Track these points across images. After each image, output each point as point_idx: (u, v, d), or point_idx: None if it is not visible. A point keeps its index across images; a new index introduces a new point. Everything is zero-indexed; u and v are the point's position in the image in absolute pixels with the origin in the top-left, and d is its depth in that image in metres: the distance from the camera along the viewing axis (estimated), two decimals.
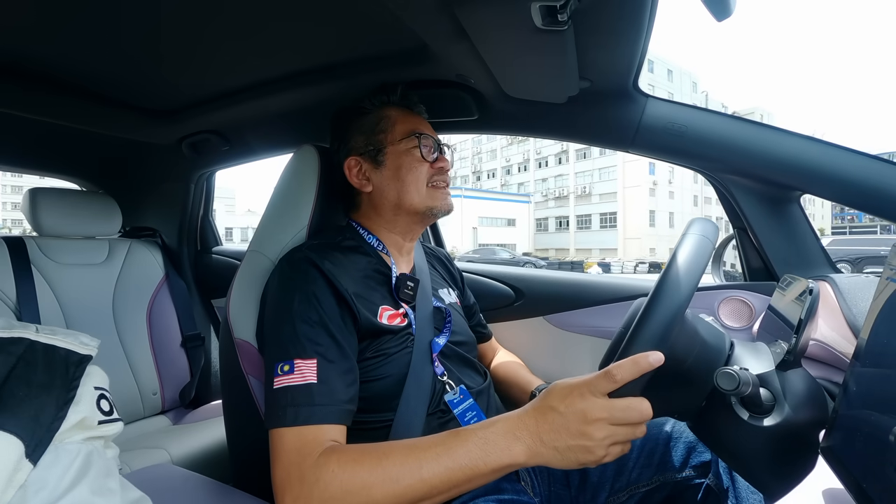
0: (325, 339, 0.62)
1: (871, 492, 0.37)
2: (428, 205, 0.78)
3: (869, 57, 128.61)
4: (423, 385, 0.70)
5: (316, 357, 0.60)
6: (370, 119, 0.81)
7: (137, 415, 1.27)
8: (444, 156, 0.82)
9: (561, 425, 0.49)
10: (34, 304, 1.11)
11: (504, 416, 0.54)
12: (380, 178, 0.79)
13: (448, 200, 0.80)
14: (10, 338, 0.38)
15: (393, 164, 0.78)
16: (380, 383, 0.68)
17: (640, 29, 0.66)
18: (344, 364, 0.62)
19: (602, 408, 0.47)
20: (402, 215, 0.79)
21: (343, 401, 0.59)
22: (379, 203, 0.80)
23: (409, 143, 0.78)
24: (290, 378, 0.58)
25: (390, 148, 0.78)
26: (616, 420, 0.47)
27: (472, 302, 1.00)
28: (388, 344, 0.70)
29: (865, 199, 0.80)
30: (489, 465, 0.50)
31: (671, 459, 0.75)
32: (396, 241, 0.82)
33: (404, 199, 0.77)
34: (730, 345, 0.61)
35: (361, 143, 0.80)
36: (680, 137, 0.89)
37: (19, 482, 0.34)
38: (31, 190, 1.22)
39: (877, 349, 0.43)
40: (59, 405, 0.38)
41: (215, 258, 1.61)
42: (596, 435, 0.47)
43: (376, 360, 0.69)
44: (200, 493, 0.71)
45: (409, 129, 0.79)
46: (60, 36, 0.83)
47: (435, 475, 0.50)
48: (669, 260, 0.52)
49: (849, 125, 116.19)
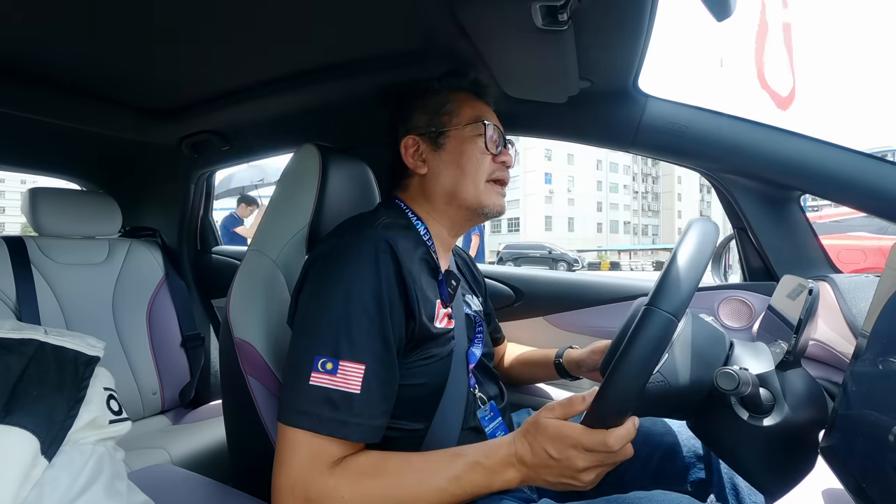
0: (380, 344, 0.55)
1: (870, 492, 0.37)
2: (482, 201, 0.72)
3: (863, 54, 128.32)
4: (460, 397, 0.66)
5: (365, 363, 0.54)
6: (437, 99, 0.74)
7: (137, 415, 1.27)
8: (509, 150, 0.76)
9: (553, 466, 0.52)
10: (34, 303, 1.11)
11: (502, 443, 0.56)
12: (437, 161, 0.73)
13: (502, 201, 0.74)
14: (21, 339, 0.39)
15: (454, 149, 0.72)
16: (416, 390, 0.62)
17: (640, 29, 0.66)
18: (389, 375, 0.56)
19: (594, 459, 0.50)
20: (454, 207, 0.73)
21: (377, 415, 0.55)
22: (431, 189, 0.73)
23: (475, 131, 0.72)
24: (332, 379, 0.52)
25: (454, 132, 0.72)
26: (605, 462, 0.51)
27: (491, 309, 0.96)
28: (436, 348, 0.64)
29: (865, 198, 0.80)
30: (489, 490, 0.54)
31: (672, 459, 0.75)
32: (441, 234, 0.75)
33: (460, 189, 0.71)
34: (729, 345, 0.61)
35: (423, 123, 0.74)
36: (680, 137, 0.89)
37: (35, 478, 0.35)
38: (31, 190, 1.22)
39: (876, 349, 0.43)
40: (71, 404, 0.39)
41: (215, 258, 1.61)
42: (585, 478, 0.51)
43: (421, 364, 0.62)
44: (200, 493, 0.71)
45: (476, 116, 0.73)
46: (60, 36, 0.83)
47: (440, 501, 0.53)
48: (669, 260, 0.52)
49: (844, 122, 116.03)
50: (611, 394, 0.48)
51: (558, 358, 0.90)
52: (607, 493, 0.76)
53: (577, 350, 0.90)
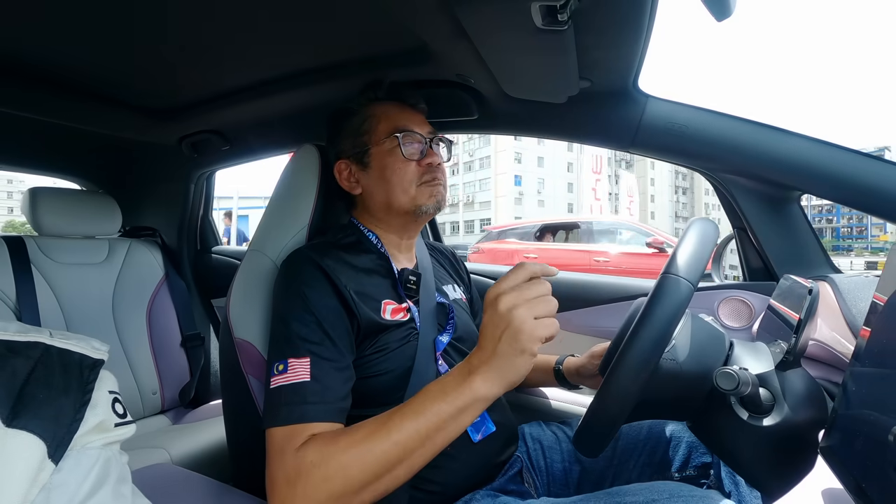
0: (320, 337, 0.61)
1: (870, 492, 0.37)
2: (418, 204, 0.75)
3: (856, 52, 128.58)
4: (427, 383, 0.69)
5: (309, 356, 0.59)
6: (356, 120, 0.79)
7: (137, 414, 1.27)
8: (434, 150, 0.78)
9: (490, 331, 0.50)
10: (34, 303, 1.11)
11: (456, 366, 0.55)
12: (367, 180, 0.78)
13: (436, 198, 0.76)
14: (27, 341, 0.39)
15: (378, 164, 0.76)
16: (381, 379, 0.67)
17: (640, 29, 0.66)
18: (339, 362, 0.61)
19: (498, 288, 0.51)
20: (394, 215, 0.77)
21: (337, 398, 0.59)
22: (370, 205, 0.79)
23: (392, 143, 0.75)
24: (285, 377, 0.58)
25: (374, 149, 0.76)
26: (512, 284, 0.50)
27: (478, 299, 0.98)
28: (390, 339, 0.69)
29: (865, 198, 0.80)
30: (453, 405, 0.51)
31: (672, 459, 0.75)
32: (393, 240, 0.80)
33: (393, 200, 0.75)
34: (729, 345, 0.61)
35: (349, 146, 0.79)
36: (680, 137, 0.89)
37: (42, 482, 0.35)
38: (31, 189, 1.22)
39: (876, 349, 0.43)
40: (77, 407, 0.39)
41: (215, 258, 1.61)
42: (514, 312, 0.49)
43: (377, 355, 0.68)
44: (200, 492, 0.71)
45: (391, 128, 0.76)
46: (60, 36, 0.83)
47: (403, 433, 0.51)
48: (669, 260, 0.52)
49: (837, 120, 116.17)
50: (629, 356, 0.48)
51: (558, 365, 0.90)
52: (609, 480, 0.77)
53: (576, 357, 0.90)
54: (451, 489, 0.66)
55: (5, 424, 0.34)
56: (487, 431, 0.70)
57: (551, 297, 0.51)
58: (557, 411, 1.06)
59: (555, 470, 0.79)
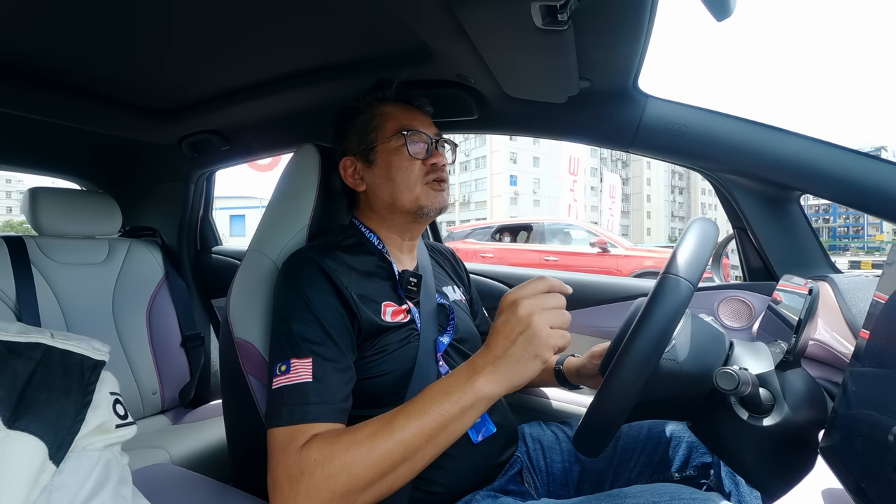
0: (321, 338, 0.61)
1: (870, 492, 0.37)
2: (420, 204, 0.76)
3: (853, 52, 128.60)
4: (428, 384, 0.69)
5: (311, 356, 0.59)
6: (364, 118, 0.80)
7: (137, 414, 1.27)
8: (440, 151, 0.80)
9: (504, 332, 0.52)
10: (34, 303, 1.11)
11: (460, 365, 0.56)
12: (372, 177, 0.78)
13: (440, 199, 0.78)
14: (28, 343, 0.39)
15: (384, 162, 0.77)
16: (382, 380, 0.67)
17: (640, 29, 0.66)
18: (341, 362, 0.62)
19: (518, 293, 0.53)
20: (397, 214, 0.78)
21: (339, 399, 0.59)
22: (374, 202, 0.79)
23: (398, 141, 0.76)
24: (287, 378, 0.58)
25: (380, 146, 0.77)
26: (533, 292, 0.53)
27: (477, 300, 0.99)
28: (390, 340, 0.69)
29: (865, 198, 0.80)
30: (457, 405, 0.52)
31: (672, 459, 0.75)
32: (395, 240, 0.81)
33: (397, 199, 0.76)
34: (729, 345, 0.61)
35: (355, 143, 0.80)
36: (680, 137, 0.89)
37: (43, 483, 0.34)
38: (31, 189, 1.22)
39: (876, 349, 0.43)
40: (78, 409, 0.39)
41: (215, 258, 1.61)
42: (533, 317, 0.51)
43: (378, 356, 0.68)
44: (200, 492, 0.71)
45: (398, 127, 0.77)
46: (60, 36, 0.83)
47: (407, 432, 0.51)
48: (669, 260, 0.52)
49: (834, 119, 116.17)
50: (629, 356, 0.48)
51: (559, 365, 0.90)
52: (609, 480, 0.77)
53: (576, 357, 0.90)
54: (451, 490, 0.66)
55: (7, 426, 0.34)
56: (488, 432, 0.70)
57: (566, 311, 0.54)
58: (557, 411, 1.06)
59: (555, 470, 0.79)
